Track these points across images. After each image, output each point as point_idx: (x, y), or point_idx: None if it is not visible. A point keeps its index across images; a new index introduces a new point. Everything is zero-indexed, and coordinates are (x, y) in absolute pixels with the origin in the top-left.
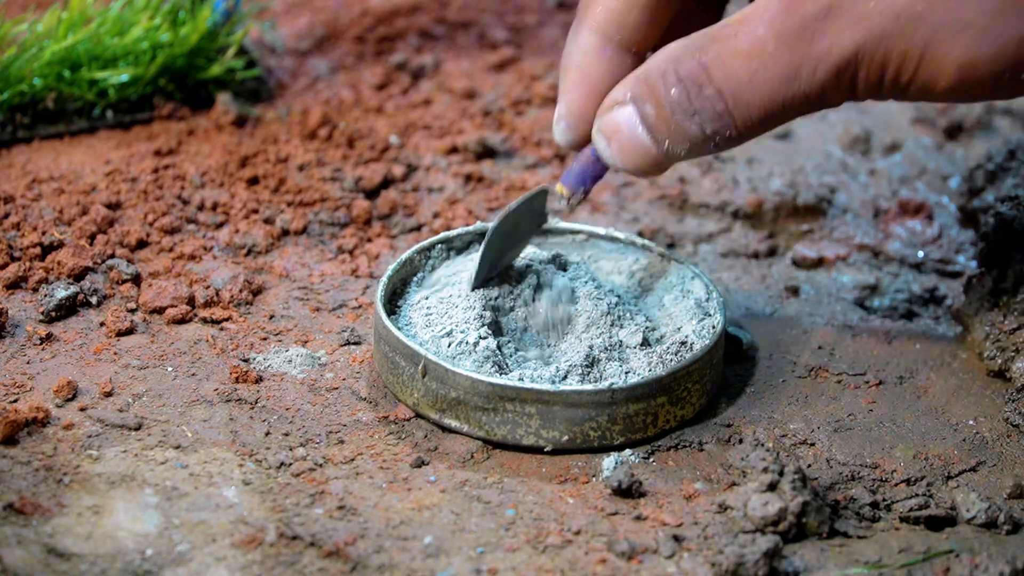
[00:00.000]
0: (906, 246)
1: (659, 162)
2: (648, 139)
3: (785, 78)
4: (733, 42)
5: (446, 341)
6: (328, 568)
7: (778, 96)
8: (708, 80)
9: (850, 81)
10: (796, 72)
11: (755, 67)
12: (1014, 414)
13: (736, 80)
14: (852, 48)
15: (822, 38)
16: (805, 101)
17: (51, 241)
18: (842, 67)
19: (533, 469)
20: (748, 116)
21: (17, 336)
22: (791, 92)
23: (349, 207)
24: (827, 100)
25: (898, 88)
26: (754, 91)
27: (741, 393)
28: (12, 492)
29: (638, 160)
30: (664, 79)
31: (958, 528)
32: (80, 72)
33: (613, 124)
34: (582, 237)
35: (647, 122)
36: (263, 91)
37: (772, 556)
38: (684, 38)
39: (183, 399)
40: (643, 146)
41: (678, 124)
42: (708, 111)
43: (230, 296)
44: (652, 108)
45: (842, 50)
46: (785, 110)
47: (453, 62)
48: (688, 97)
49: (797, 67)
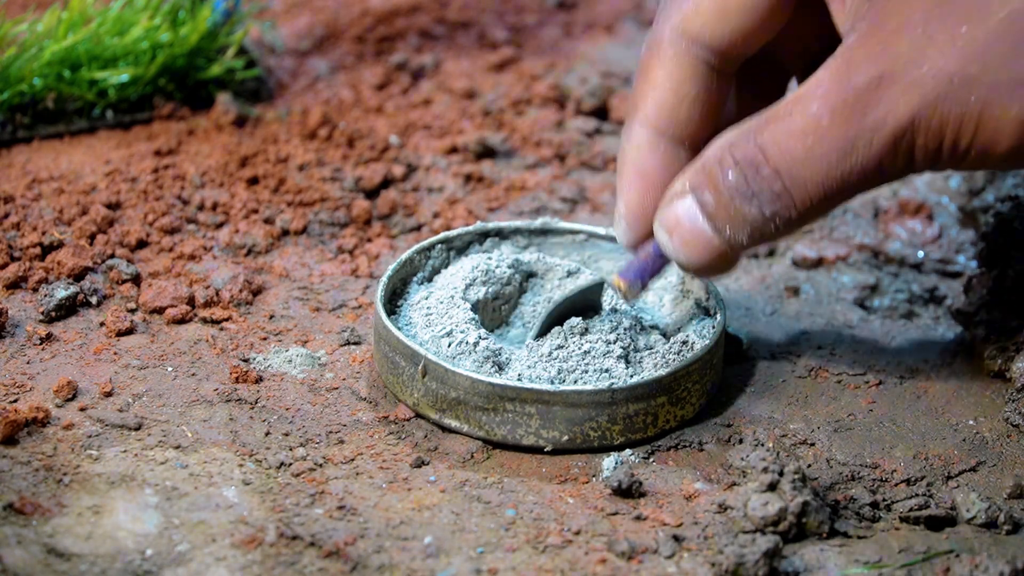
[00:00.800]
0: (906, 246)
1: (722, 253)
2: (709, 228)
3: (841, 152)
4: (788, 121)
5: (446, 341)
6: (328, 568)
7: (835, 171)
8: (764, 161)
9: (908, 151)
10: (852, 145)
11: (811, 143)
12: (1014, 414)
13: (792, 158)
14: (907, 116)
15: (876, 108)
16: (863, 175)
17: (51, 241)
18: (899, 136)
19: (533, 469)
20: (807, 195)
21: (17, 336)
22: (848, 167)
23: (349, 207)
24: (886, 173)
25: (958, 154)
26: (811, 168)
27: (741, 393)
28: (12, 492)
29: (701, 252)
30: (721, 165)
31: (958, 528)
32: (80, 72)
33: (674, 217)
34: (582, 237)
35: (707, 211)
36: (263, 91)
37: (772, 556)
38: (739, 123)
39: (183, 399)
40: (705, 236)
41: (737, 209)
42: (766, 192)
43: (230, 296)
44: (711, 195)
45: (897, 119)
46: (844, 186)
47: (453, 62)
48: (746, 180)
49: (853, 140)
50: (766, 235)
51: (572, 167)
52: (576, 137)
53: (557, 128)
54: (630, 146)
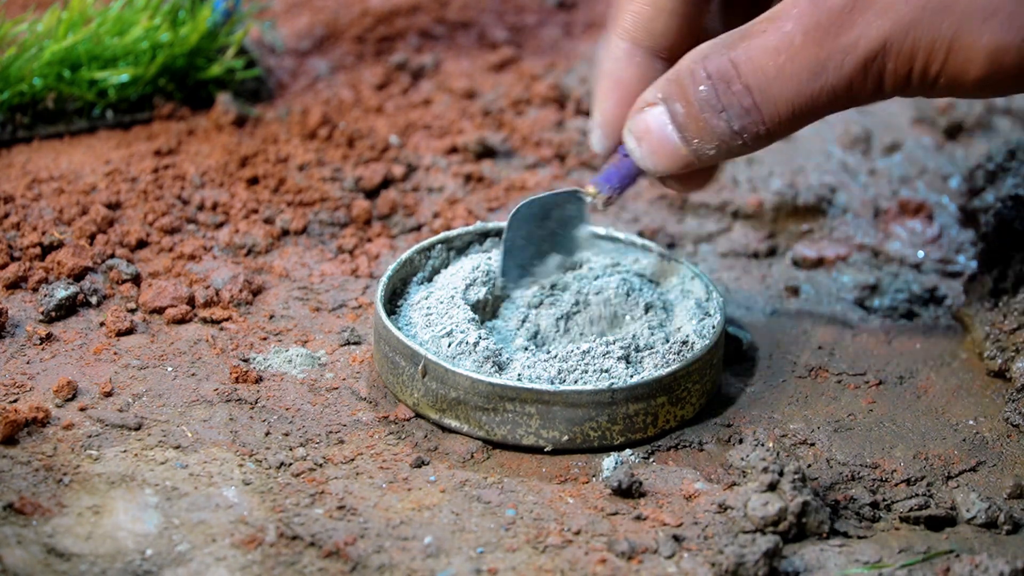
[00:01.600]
0: (906, 246)
1: (688, 162)
2: (677, 138)
3: (812, 72)
4: (762, 38)
5: (446, 341)
6: (328, 568)
7: (805, 91)
8: (736, 76)
9: (878, 75)
10: (823, 66)
11: (782, 62)
12: (1014, 414)
13: (763, 75)
14: (879, 39)
15: (849, 30)
16: (833, 96)
17: (51, 241)
18: (869, 59)
19: (533, 469)
20: (776, 112)
21: (17, 336)
22: (818, 86)
23: (349, 207)
24: (856, 96)
25: (927, 81)
26: (781, 86)
27: (741, 393)
28: (12, 492)
29: (668, 160)
30: (693, 77)
31: (958, 528)
32: (80, 72)
33: (643, 124)
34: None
35: (676, 120)
36: (263, 91)
37: (772, 556)
38: (715, 38)
39: (183, 399)
40: (672, 145)
41: (706, 121)
42: (736, 107)
43: (230, 296)
44: (681, 106)
45: (869, 41)
46: (813, 106)
47: (453, 62)
48: (716, 93)
49: (824, 61)
50: (733, 149)
51: (572, 167)
52: (576, 137)
53: (557, 128)
54: (607, 56)
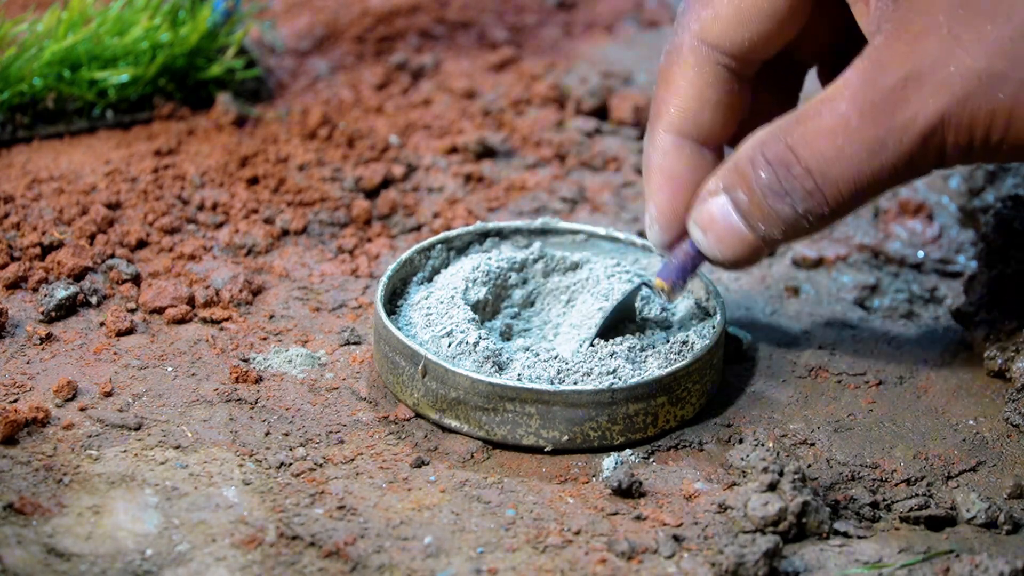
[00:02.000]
0: (906, 246)
1: (757, 248)
2: (743, 225)
3: (871, 151)
4: (817, 121)
5: (446, 341)
6: (328, 568)
7: (866, 169)
8: (795, 160)
9: (938, 148)
10: (882, 144)
11: (840, 143)
12: (1014, 414)
13: (823, 157)
14: (937, 115)
15: (905, 108)
16: (894, 172)
17: (51, 241)
18: (928, 134)
19: (533, 469)
20: (838, 192)
21: (17, 336)
22: (878, 164)
23: (349, 207)
24: (916, 169)
25: (989, 148)
26: (841, 167)
27: (741, 393)
28: (12, 492)
29: (736, 248)
30: (753, 164)
31: (958, 528)
32: (80, 72)
33: (708, 215)
34: (582, 237)
35: (740, 209)
36: (263, 91)
37: (772, 556)
38: (770, 123)
39: (183, 399)
40: (739, 233)
41: (771, 207)
42: (798, 191)
43: (230, 296)
44: (744, 194)
45: (927, 118)
46: (874, 183)
47: (453, 62)
48: (778, 179)
49: (883, 139)
50: (799, 231)
51: (572, 167)
52: (576, 137)
53: (557, 128)
54: (655, 151)
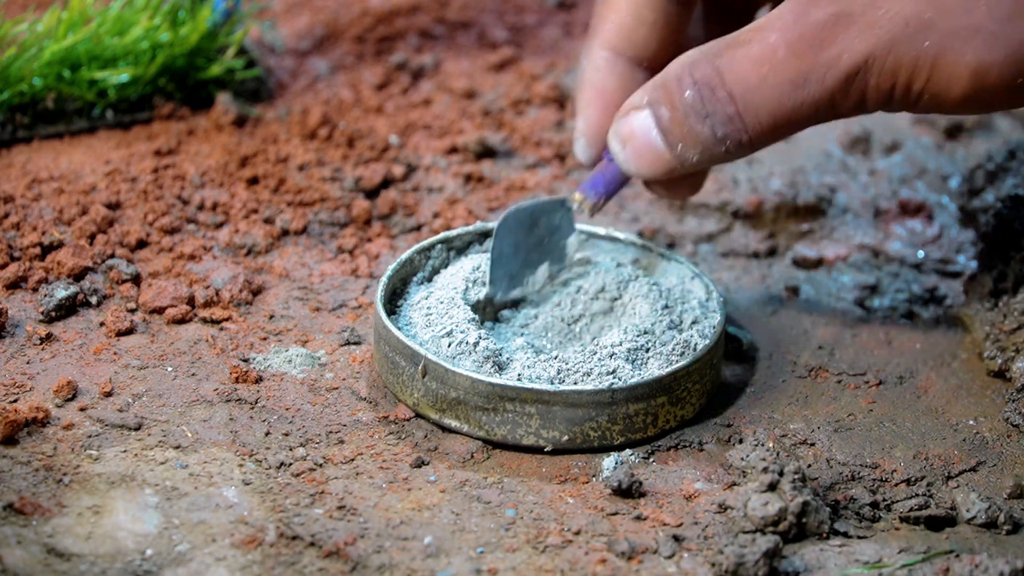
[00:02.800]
0: (906, 246)
1: (672, 167)
2: (662, 142)
3: (794, 84)
4: (746, 48)
5: (446, 341)
6: (328, 568)
7: (787, 102)
8: (720, 83)
9: (860, 90)
10: (805, 79)
11: (765, 72)
12: (1014, 414)
13: (746, 84)
14: (862, 55)
15: (831, 45)
16: (815, 109)
17: (51, 241)
18: (851, 74)
19: (533, 469)
20: (758, 121)
21: (17, 336)
22: (800, 98)
23: (349, 207)
24: (837, 109)
25: (910, 98)
26: (763, 96)
27: (741, 393)
28: (12, 492)
29: (652, 164)
30: (679, 82)
31: (958, 528)
32: (80, 72)
33: (628, 128)
34: (582, 237)
35: (661, 125)
36: (263, 91)
37: (772, 556)
38: (701, 46)
39: (183, 399)
40: (657, 149)
41: (691, 127)
42: (719, 114)
43: (230, 296)
44: (667, 111)
45: (852, 57)
46: (795, 117)
47: (453, 62)
48: (701, 99)
49: (806, 74)
50: (716, 156)
51: (572, 167)
52: None
53: (557, 128)
54: (589, 66)
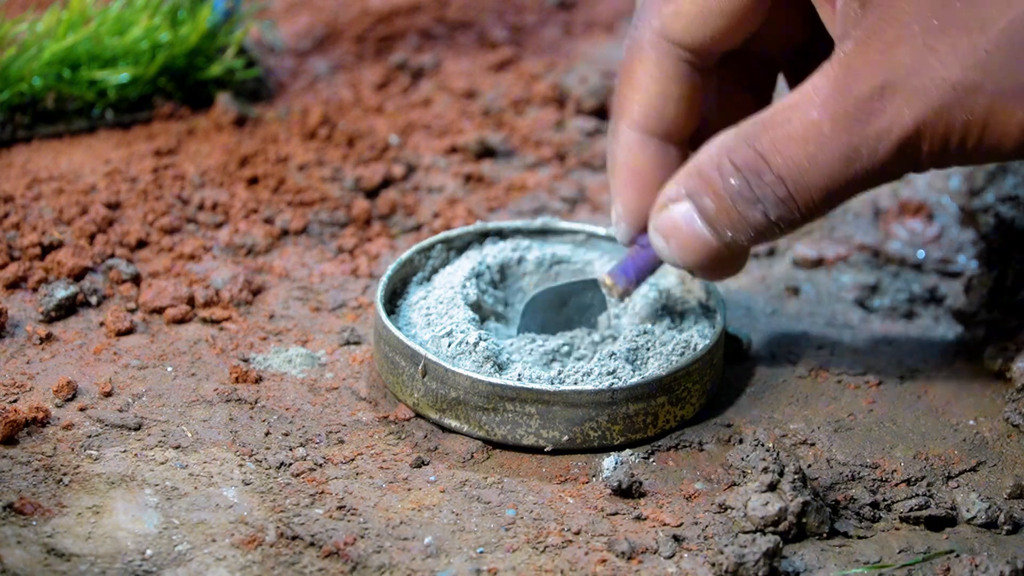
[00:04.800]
0: (906, 246)
1: (720, 254)
2: (708, 232)
3: (845, 159)
4: (787, 128)
5: (446, 341)
6: (328, 568)
7: (839, 177)
8: (767, 167)
9: (913, 155)
10: (856, 152)
11: (812, 151)
12: (1014, 414)
13: (795, 165)
14: (912, 125)
15: (880, 117)
16: (867, 178)
17: (51, 241)
18: (903, 143)
19: (533, 469)
20: (810, 198)
21: (17, 336)
22: (852, 172)
23: (349, 207)
24: (890, 175)
25: (964, 154)
26: (815, 174)
27: (741, 393)
28: (12, 492)
29: (699, 254)
30: (720, 171)
31: (958, 528)
32: (80, 72)
33: (671, 222)
34: (582, 237)
35: (706, 216)
36: (263, 91)
37: (772, 556)
38: (732, 128)
39: (183, 399)
40: (704, 240)
41: (740, 214)
42: (770, 198)
43: (230, 296)
44: (711, 201)
45: (903, 128)
46: (847, 189)
47: (453, 62)
48: (749, 186)
49: (856, 147)
50: (768, 236)
51: (572, 167)
52: (576, 137)
53: (557, 128)
54: (619, 148)
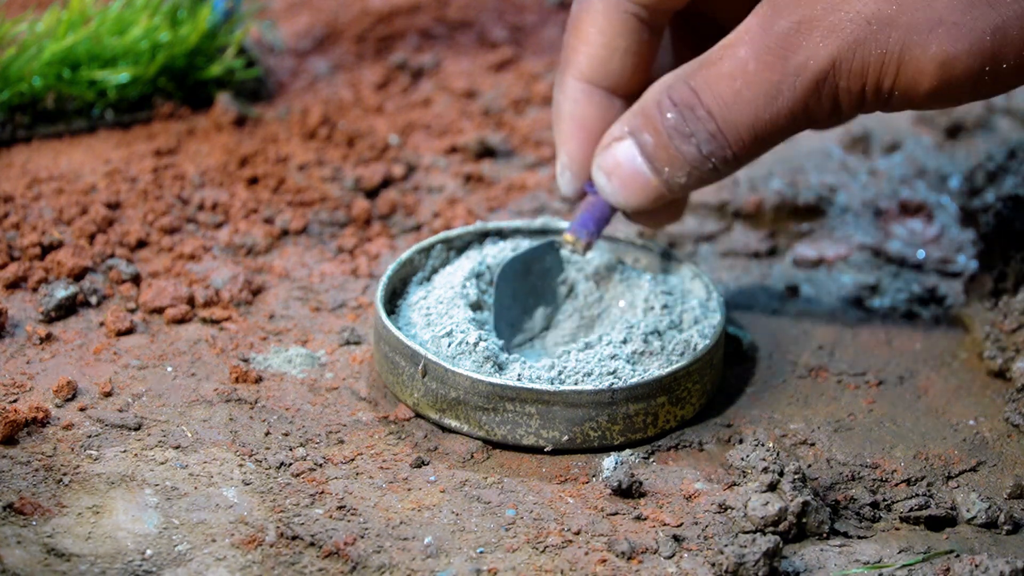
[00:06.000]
0: (906, 246)
1: (660, 194)
2: (648, 169)
3: (768, 96)
4: (719, 65)
5: (446, 341)
6: (328, 568)
7: (764, 114)
8: (698, 102)
9: (832, 94)
10: (777, 89)
11: (739, 87)
12: (1014, 414)
13: (723, 101)
14: (828, 59)
15: (798, 52)
16: (792, 118)
17: (51, 241)
18: (820, 79)
19: (533, 469)
20: (739, 136)
21: (17, 336)
22: (775, 109)
23: (349, 207)
24: (814, 116)
25: (881, 97)
26: (740, 110)
27: (741, 393)
28: (12, 492)
29: (640, 193)
30: (660, 107)
31: (958, 528)
32: (80, 72)
33: (612, 159)
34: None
35: (646, 151)
36: (263, 91)
37: (772, 556)
38: (676, 69)
39: (183, 399)
40: (644, 177)
41: (676, 148)
42: (702, 132)
43: (230, 296)
44: (650, 136)
45: (818, 62)
46: (774, 128)
47: (453, 62)
48: (683, 119)
49: (777, 83)
50: (704, 175)
51: None
52: None
53: None
54: (565, 99)
